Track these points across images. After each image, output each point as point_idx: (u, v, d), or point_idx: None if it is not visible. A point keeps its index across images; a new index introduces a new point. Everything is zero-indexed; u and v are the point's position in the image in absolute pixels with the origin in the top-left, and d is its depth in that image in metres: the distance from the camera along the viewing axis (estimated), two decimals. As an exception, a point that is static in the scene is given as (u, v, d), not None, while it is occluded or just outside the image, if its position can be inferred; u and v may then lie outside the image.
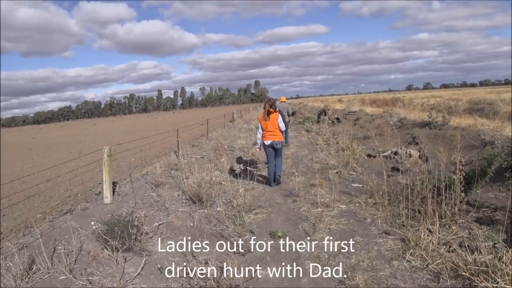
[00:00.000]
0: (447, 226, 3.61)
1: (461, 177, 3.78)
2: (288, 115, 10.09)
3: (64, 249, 3.66)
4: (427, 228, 3.40)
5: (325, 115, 16.42)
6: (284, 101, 10.37)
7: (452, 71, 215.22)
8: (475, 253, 2.93)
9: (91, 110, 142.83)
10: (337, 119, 14.28)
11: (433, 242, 3.23)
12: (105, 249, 3.53)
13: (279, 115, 5.68)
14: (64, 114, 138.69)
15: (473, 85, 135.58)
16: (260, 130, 5.74)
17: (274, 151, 5.65)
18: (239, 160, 8.30)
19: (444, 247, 3.21)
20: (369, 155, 7.10)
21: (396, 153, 6.69)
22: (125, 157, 11.14)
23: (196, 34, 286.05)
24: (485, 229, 3.58)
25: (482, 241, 3.07)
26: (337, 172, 6.09)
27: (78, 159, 10.72)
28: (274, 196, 5.22)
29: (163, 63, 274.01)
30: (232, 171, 7.12)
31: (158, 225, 4.36)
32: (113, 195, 5.47)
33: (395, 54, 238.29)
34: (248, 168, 7.20)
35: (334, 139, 9.76)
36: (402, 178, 5.74)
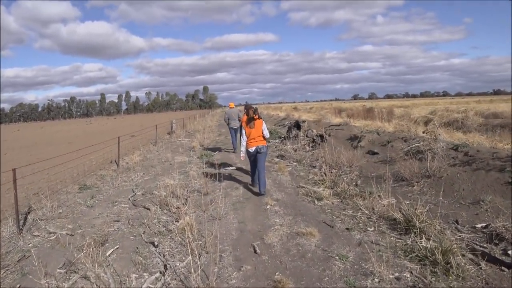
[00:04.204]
0: None
1: None
2: (239, 120, 9.61)
3: None
4: None
5: (298, 129, 11.99)
6: (233, 107, 10.37)
7: (394, 82, 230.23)
8: None
9: (27, 113, 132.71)
10: (320, 136, 9.92)
11: None
12: None
13: (263, 122, 5.30)
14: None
15: (414, 96, 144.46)
16: (245, 137, 5.32)
17: (258, 156, 5.19)
18: (149, 251, 3.29)
19: None
20: (488, 258, 2.62)
21: None
22: None
23: (143, 37, 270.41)
24: None
25: None
26: None
27: None
28: None
29: (109, 66, 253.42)
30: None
31: None
32: None
33: (341, 64, 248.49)
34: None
35: (345, 184, 5.24)
36: None
